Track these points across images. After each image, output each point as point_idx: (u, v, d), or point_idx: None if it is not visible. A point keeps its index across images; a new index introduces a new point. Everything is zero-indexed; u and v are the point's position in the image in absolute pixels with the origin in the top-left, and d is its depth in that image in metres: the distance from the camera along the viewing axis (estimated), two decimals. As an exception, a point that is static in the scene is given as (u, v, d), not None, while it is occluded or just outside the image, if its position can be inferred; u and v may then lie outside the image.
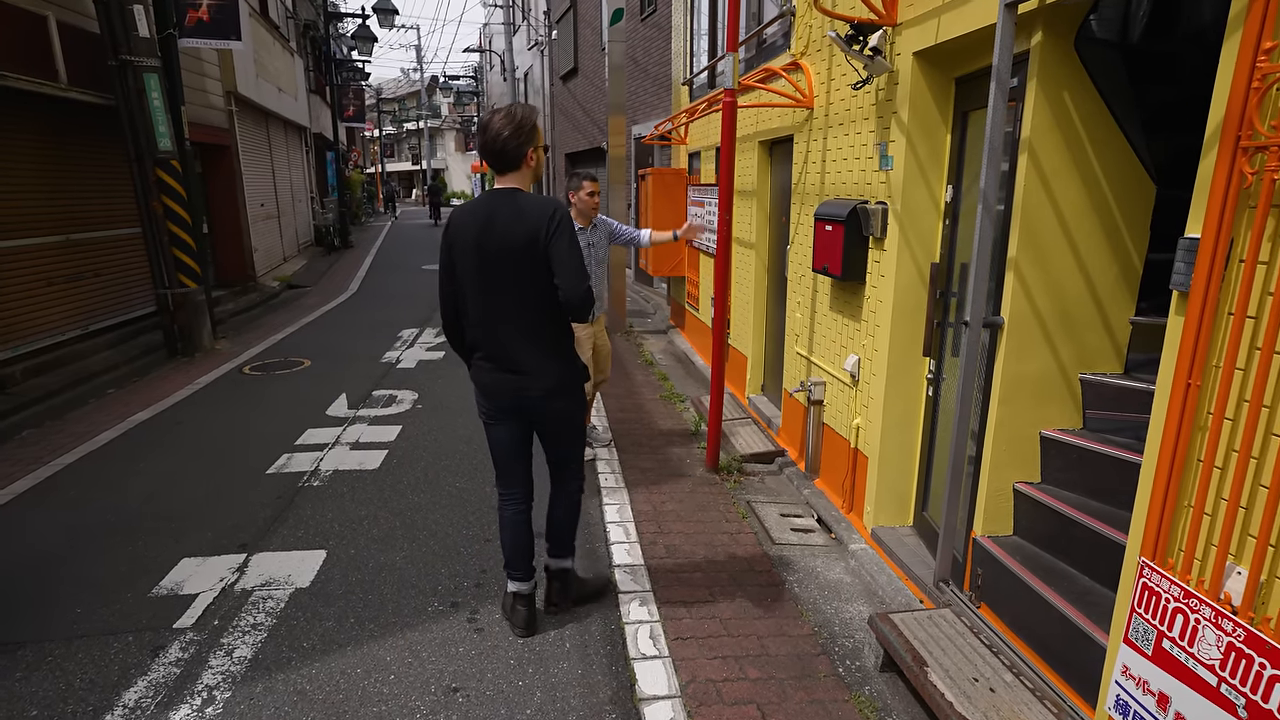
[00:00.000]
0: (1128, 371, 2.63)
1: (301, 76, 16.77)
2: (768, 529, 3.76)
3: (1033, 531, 2.69)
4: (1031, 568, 2.54)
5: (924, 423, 3.46)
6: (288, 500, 3.88)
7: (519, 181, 2.50)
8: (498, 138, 2.43)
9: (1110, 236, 2.51)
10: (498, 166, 2.49)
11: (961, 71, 3.04)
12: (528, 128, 2.45)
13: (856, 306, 3.73)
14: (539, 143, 2.51)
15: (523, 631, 2.79)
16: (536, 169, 2.53)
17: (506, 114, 2.47)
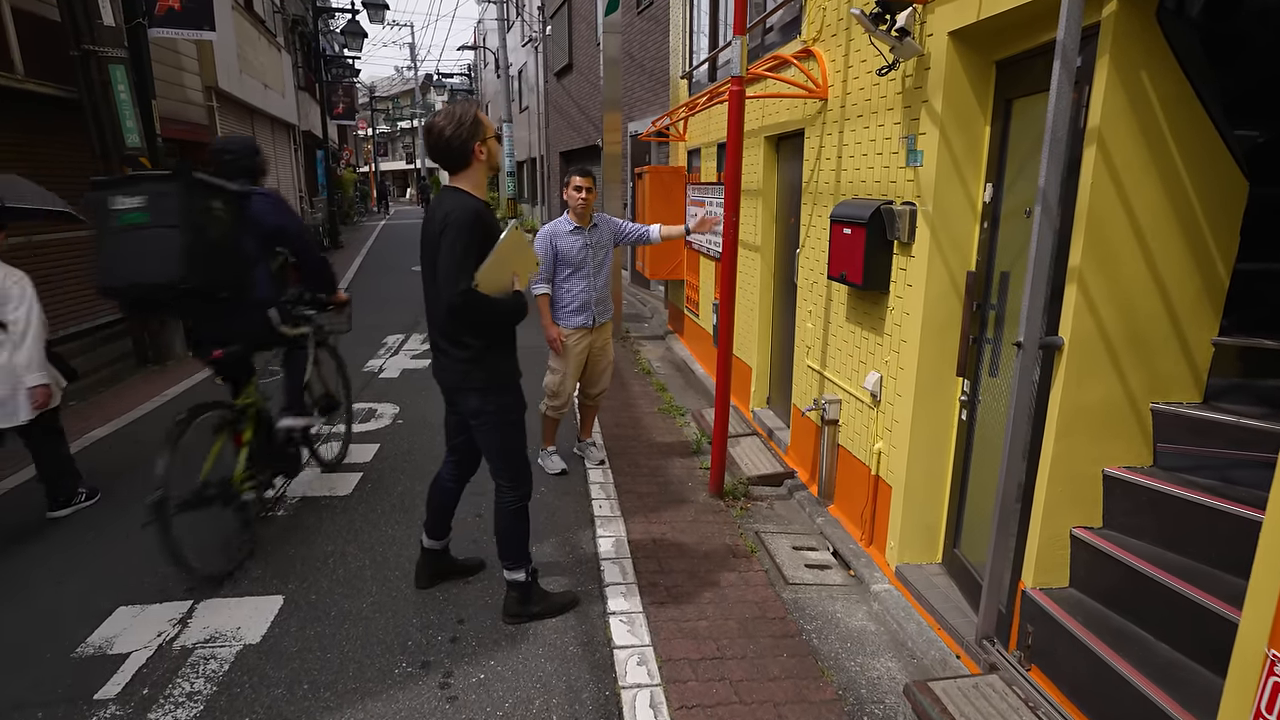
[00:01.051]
0: (1208, 400, 2.26)
1: (289, 73, 16.35)
2: (779, 565, 3.38)
3: (1094, 585, 2.32)
4: (1096, 630, 2.17)
5: (956, 450, 3.09)
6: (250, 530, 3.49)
7: (472, 178, 2.54)
8: (440, 136, 2.48)
9: (1192, 242, 2.14)
10: (447, 166, 2.55)
11: (1004, 54, 2.67)
12: (468, 121, 2.47)
13: (879, 319, 3.36)
14: (486, 134, 2.52)
15: (417, 584, 3.05)
16: (490, 161, 2.55)
17: (445, 113, 2.50)
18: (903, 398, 3.15)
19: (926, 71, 2.87)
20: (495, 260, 2.43)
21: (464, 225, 2.39)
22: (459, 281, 2.36)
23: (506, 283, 2.51)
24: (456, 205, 2.43)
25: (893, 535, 3.27)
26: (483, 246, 2.40)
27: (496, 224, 2.53)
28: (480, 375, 2.59)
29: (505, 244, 2.45)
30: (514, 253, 2.51)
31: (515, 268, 2.54)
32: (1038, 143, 2.56)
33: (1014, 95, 2.66)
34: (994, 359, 2.88)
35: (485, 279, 2.41)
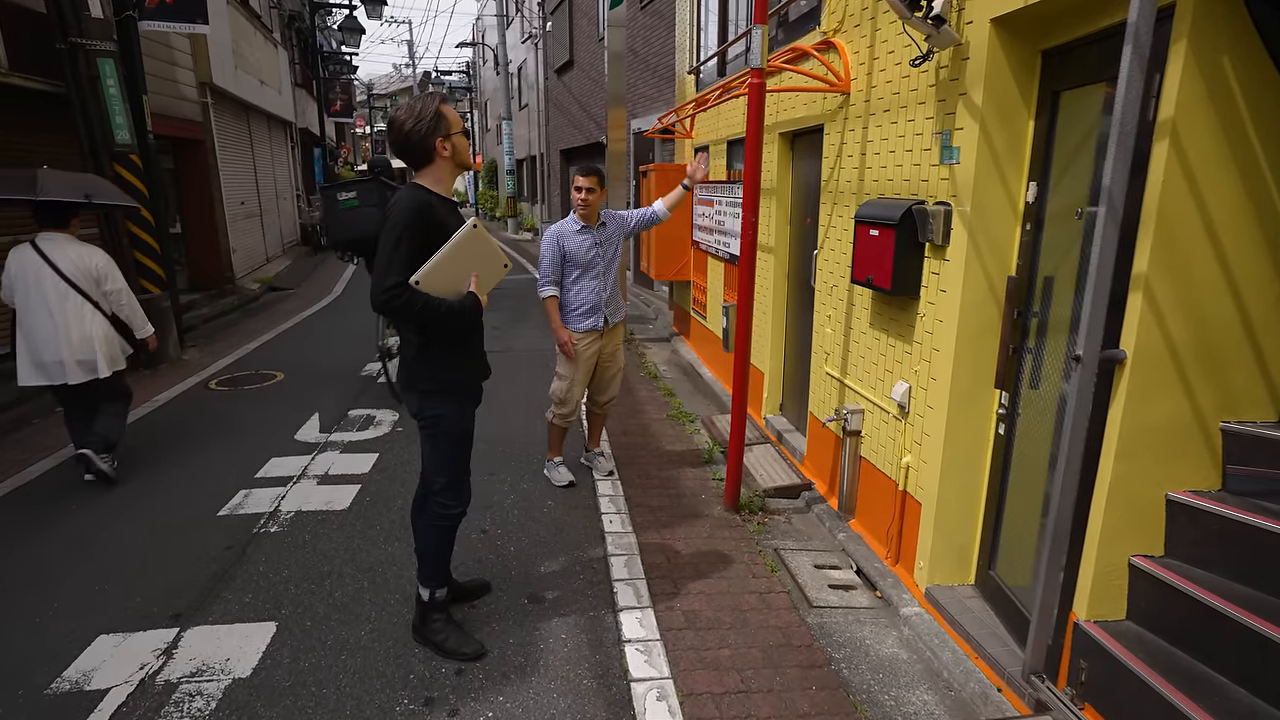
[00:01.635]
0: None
1: (286, 69, 16.13)
2: (802, 586, 3.20)
3: (1156, 619, 2.13)
4: (1162, 669, 1.99)
5: (992, 466, 2.91)
6: (239, 552, 3.30)
7: (436, 175, 2.42)
8: (400, 131, 2.37)
9: (1273, 245, 1.95)
10: (409, 161, 2.43)
11: (1052, 42, 2.48)
12: (428, 116, 2.35)
13: (907, 325, 3.17)
14: (451, 130, 2.39)
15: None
16: (456, 158, 2.43)
17: (406, 106, 2.39)
18: (935, 410, 2.96)
19: (964, 62, 2.68)
20: (444, 259, 2.29)
21: (401, 218, 2.27)
22: (388, 276, 2.24)
23: (458, 284, 2.37)
24: (403, 198, 2.34)
25: (922, 555, 3.09)
26: (426, 242, 2.29)
27: (450, 220, 2.38)
28: (423, 377, 2.48)
29: (459, 243, 2.31)
30: (471, 253, 2.37)
31: (473, 269, 2.39)
32: (1088, 138, 2.40)
33: (1063, 87, 2.47)
34: (1036, 370, 2.69)
35: (429, 278, 2.28)
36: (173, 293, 7.03)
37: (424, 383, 2.49)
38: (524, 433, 4.95)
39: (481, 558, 3.29)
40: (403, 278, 2.25)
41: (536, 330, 8.37)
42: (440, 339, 2.46)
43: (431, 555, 2.66)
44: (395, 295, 2.25)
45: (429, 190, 2.39)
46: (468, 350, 2.57)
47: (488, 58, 27.28)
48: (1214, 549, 2.04)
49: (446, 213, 2.39)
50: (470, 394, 2.62)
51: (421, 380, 2.49)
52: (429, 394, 2.50)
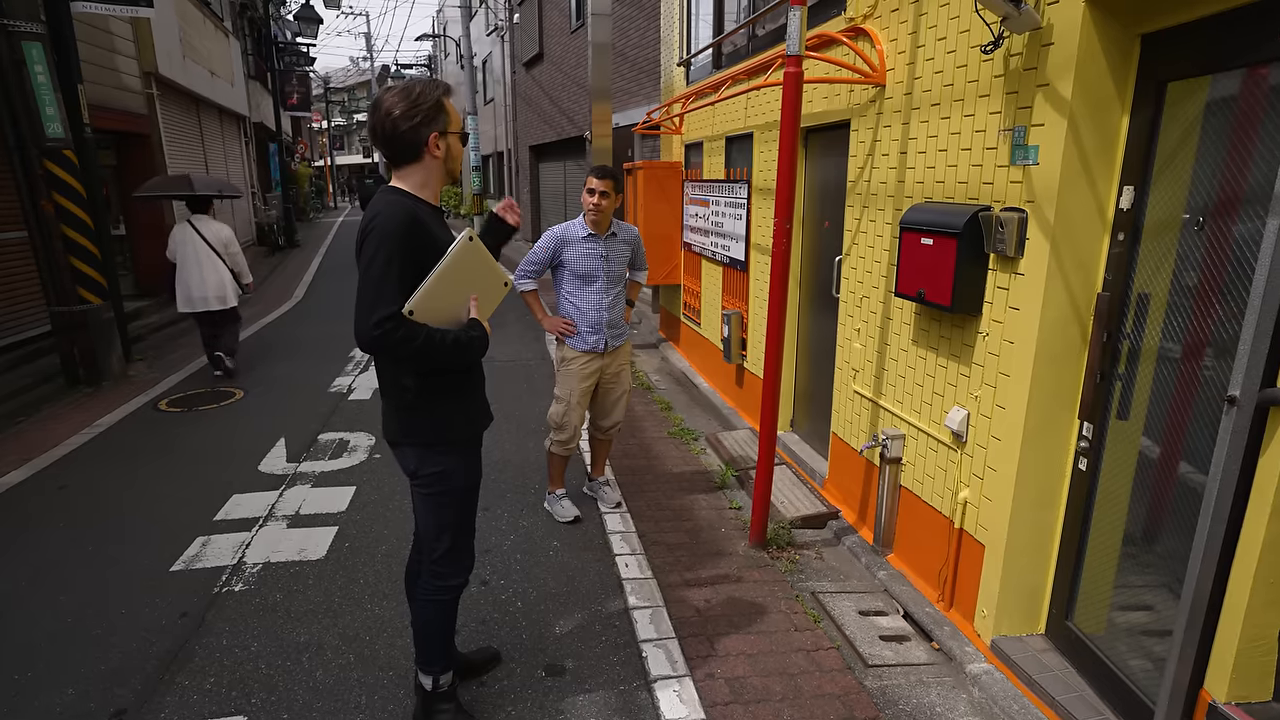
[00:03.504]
0: None
1: (238, 60, 15.28)
2: (852, 640, 2.84)
3: (1311, 702, 1.82)
4: (1332, 769, 1.67)
5: (1070, 504, 2.58)
6: (196, 619, 2.81)
7: (423, 177, 1.99)
8: (387, 117, 1.91)
9: None
10: (391, 156, 1.98)
11: (1157, 25, 2.15)
12: (427, 104, 1.92)
13: (964, 345, 2.83)
14: (450, 128, 1.98)
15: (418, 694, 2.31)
16: (449, 162, 2.01)
17: (401, 89, 1.95)
18: (1003, 441, 2.62)
19: (1046, 49, 2.34)
20: (440, 281, 1.88)
21: (389, 234, 1.84)
22: (377, 306, 1.81)
23: (456, 310, 1.96)
24: (385, 207, 1.89)
25: (985, 602, 2.76)
26: (419, 262, 1.87)
27: (441, 234, 1.96)
28: (424, 428, 2.05)
29: (455, 260, 1.90)
30: (469, 271, 1.96)
31: (473, 290, 1.98)
32: (1206, 136, 2.08)
33: (1171, 76, 2.14)
34: (1124, 400, 2.37)
35: (424, 305, 1.86)
36: (116, 301, 6.38)
37: (425, 434, 2.05)
38: (517, 457, 4.51)
39: (485, 617, 2.86)
40: (397, 307, 1.82)
41: (517, 339, 7.91)
42: (443, 379, 2.03)
43: (432, 635, 2.23)
44: (390, 330, 1.81)
45: (414, 196, 1.97)
46: (472, 390, 2.15)
47: (450, 51, 26.51)
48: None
49: (433, 223, 1.98)
50: (477, 442, 2.20)
51: (422, 431, 2.05)
52: (431, 447, 2.06)
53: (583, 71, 12.29)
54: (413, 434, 2.05)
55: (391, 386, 2.05)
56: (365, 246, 1.86)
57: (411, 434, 2.05)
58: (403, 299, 1.83)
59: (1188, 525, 2.18)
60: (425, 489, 2.10)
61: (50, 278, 5.84)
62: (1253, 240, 1.92)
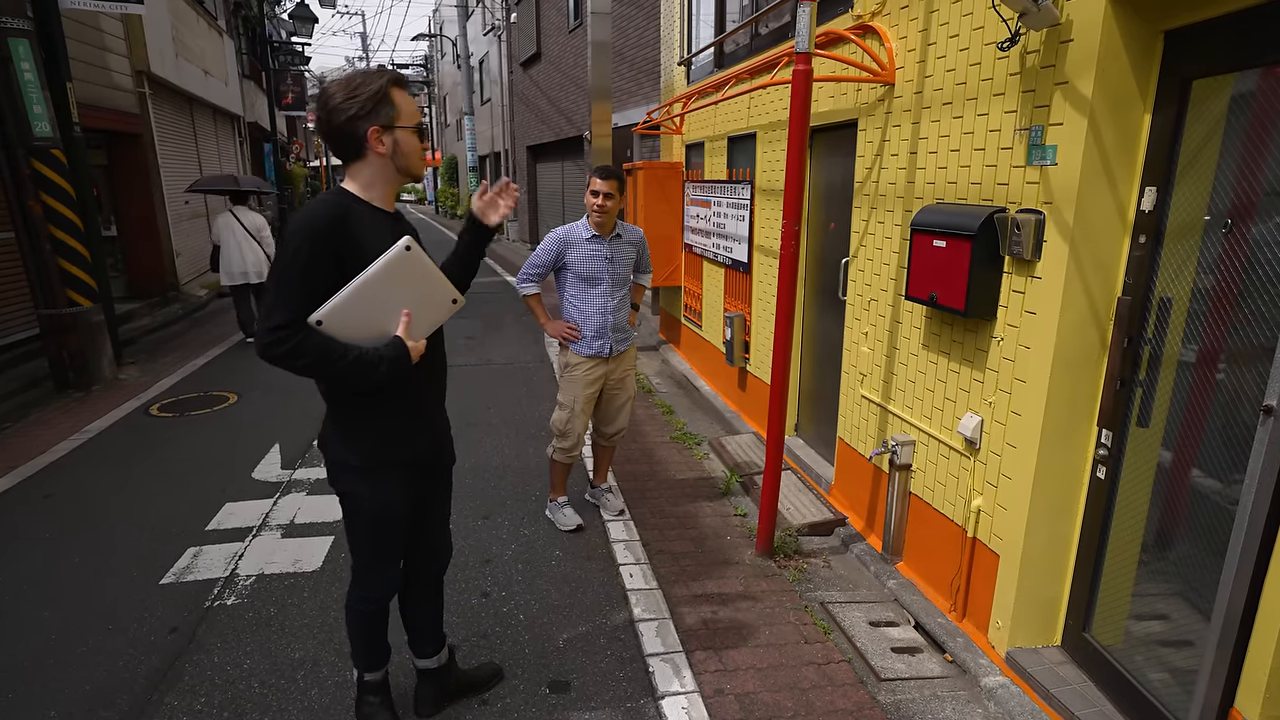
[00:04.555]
0: None
1: (233, 59, 15.15)
2: (863, 653, 2.77)
3: (1349, 723, 1.75)
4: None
5: (1088, 513, 2.51)
6: (187, 635, 2.72)
7: (364, 177, 1.81)
8: (325, 107, 1.75)
9: None
10: (334, 152, 1.81)
11: (1181, 21, 2.08)
12: (365, 95, 1.73)
13: (978, 350, 2.76)
14: (396, 121, 1.78)
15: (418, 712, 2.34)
16: (400, 159, 1.81)
17: (344, 79, 1.78)
18: (1018, 449, 2.55)
19: (1065, 46, 2.27)
20: (362, 292, 1.71)
21: (298, 236, 1.67)
22: (273, 312, 1.66)
23: (381, 325, 1.78)
24: (307, 209, 1.74)
25: (1000, 612, 2.69)
26: (335, 269, 1.70)
27: (375, 241, 1.75)
28: (330, 442, 1.91)
29: (383, 270, 1.72)
30: (402, 284, 1.78)
31: (405, 305, 1.80)
32: (1232, 134, 2.01)
33: (1196, 74, 2.07)
34: (1145, 407, 2.30)
35: (337, 316, 1.70)
36: (107, 303, 6.28)
37: (333, 449, 1.91)
38: (516, 463, 4.43)
39: (486, 630, 2.78)
40: (295, 315, 1.66)
41: (515, 341, 7.82)
42: (355, 398, 1.85)
43: (354, 637, 2.16)
44: (279, 340, 1.65)
45: (353, 197, 1.79)
46: (401, 411, 1.91)
47: (446, 50, 26.42)
48: None
49: (371, 228, 1.77)
50: (403, 472, 1.96)
51: (331, 446, 1.91)
52: (342, 469, 1.92)
53: (581, 71, 12.21)
54: (325, 445, 1.94)
55: (323, 395, 1.91)
56: (279, 244, 1.74)
57: (328, 446, 1.93)
58: (304, 307, 1.67)
59: (1210, 535, 2.11)
60: (346, 504, 1.98)
61: (38, 279, 5.74)
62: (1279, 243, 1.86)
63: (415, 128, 1.82)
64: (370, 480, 1.92)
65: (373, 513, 1.96)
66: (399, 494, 1.96)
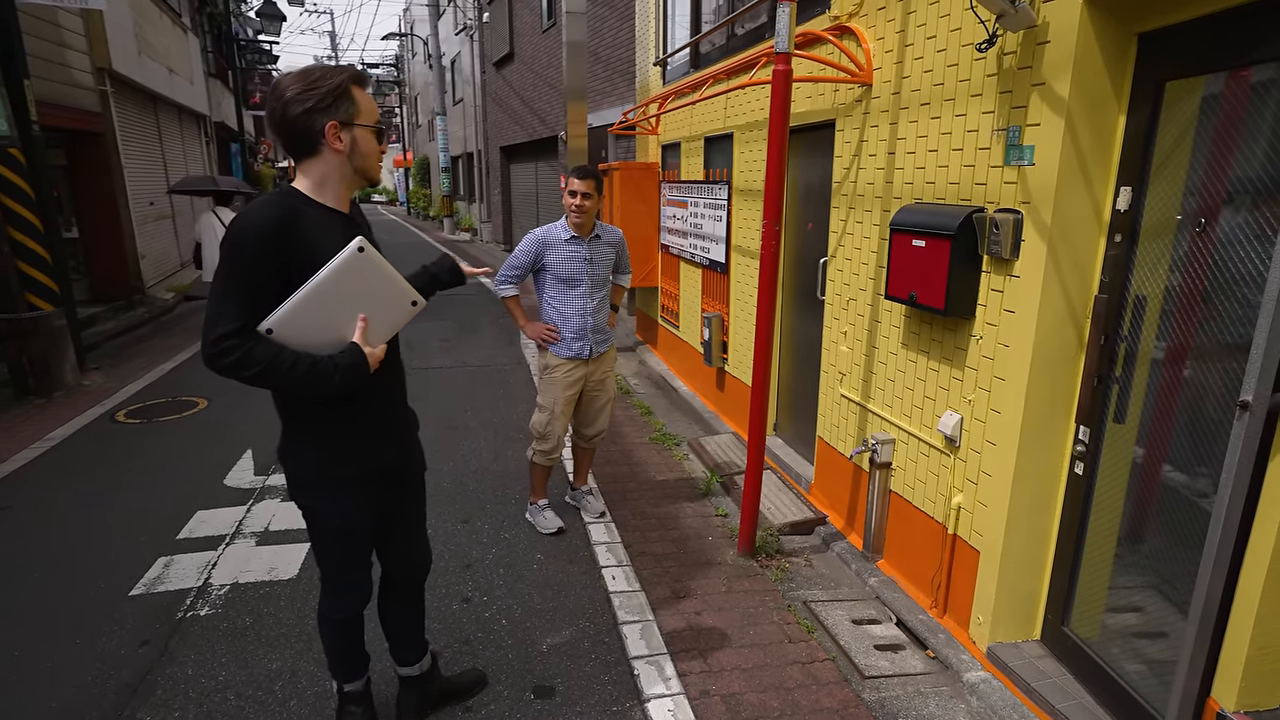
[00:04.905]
0: None
1: (198, 57, 14.83)
2: (847, 651, 2.78)
3: (1322, 710, 1.79)
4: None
5: (1066, 508, 2.55)
6: (159, 648, 2.64)
7: (320, 175, 1.73)
8: (278, 101, 1.66)
9: None
10: (286, 148, 1.73)
11: (1154, 24, 2.12)
12: (323, 89, 1.65)
13: (957, 349, 2.79)
14: (359, 119, 1.71)
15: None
16: (356, 159, 1.74)
17: (300, 71, 1.70)
18: (998, 446, 2.58)
19: (1041, 47, 2.30)
20: (314, 298, 1.64)
21: (244, 239, 1.59)
22: (218, 320, 1.58)
23: (336, 331, 1.70)
24: (251, 211, 1.65)
25: (981, 608, 2.71)
26: (282, 273, 1.63)
27: (326, 243, 1.67)
28: (289, 457, 1.85)
29: (336, 274, 1.64)
30: (357, 287, 1.70)
31: (362, 309, 1.73)
32: (1203, 135, 2.05)
33: (1169, 76, 2.11)
34: (1122, 403, 2.34)
35: (290, 324, 1.63)
36: (69, 307, 6.09)
37: (292, 464, 1.85)
38: (495, 466, 4.38)
39: (469, 637, 2.74)
40: (242, 323, 1.59)
41: (491, 342, 7.75)
42: (312, 408, 1.79)
43: (329, 649, 2.12)
44: (225, 350, 1.57)
45: (303, 197, 1.71)
46: (359, 420, 1.85)
47: (418, 50, 26.16)
48: (1393, 627, 1.71)
49: (323, 230, 1.69)
50: (364, 483, 1.90)
51: (290, 460, 1.85)
52: (299, 485, 1.87)
53: (554, 71, 12.16)
54: (283, 459, 1.87)
55: (276, 406, 1.85)
56: (221, 247, 1.64)
57: (282, 459, 1.87)
58: (250, 314, 1.60)
59: (1185, 529, 2.16)
60: (307, 519, 1.92)
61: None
62: (1251, 241, 1.90)
63: (374, 127, 1.76)
64: (331, 493, 1.85)
65: (336, 527, 1.91)
66: (363, 506, 1.90)
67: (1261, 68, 1.88)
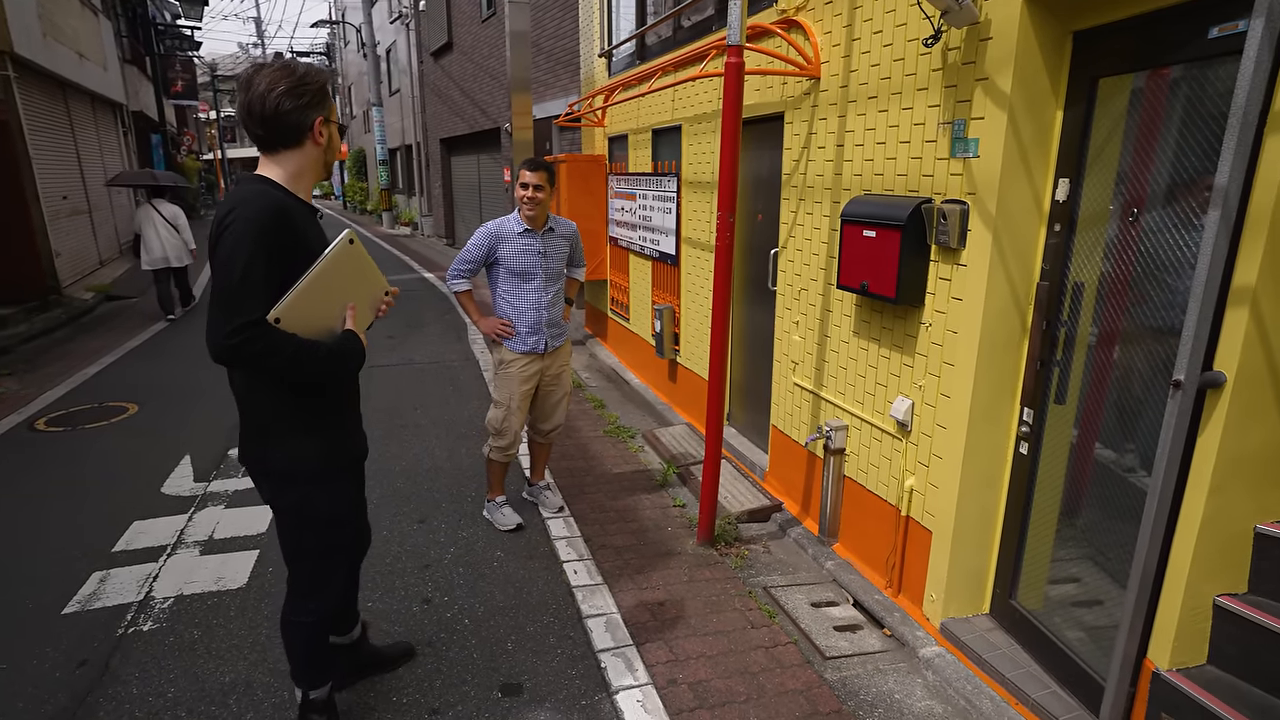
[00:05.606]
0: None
1: (111, 42, 14.00)
2: (808, 634, 2.85)
3: (1247, 665, 1.93)
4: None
5: (1012, 487, 2.67)
6: (99, 667, 2.50)
7: (293, 167, 1.80)
8: (269, 94, 1.72)
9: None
10: (269, 139, 1.78)
11: (1088, 23, 2.23)
12: (315, 86, 1.78)
13: (906, 336, 2.88)
14: (332, 115, 1.84)
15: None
16: (330, 155, 1.86)
17: (281, 66, 1.78)
18: (948, 429, 2.68)
19: (985, 43, 2.38)
20: (314, 286, 1.71)
21: (252, 229, 1.63)
22: (237, 312, 1.60)
23: (331, 320, 1.79)
24: (248, 198, 1.68)
25: (934, 586, 2.82)
26: (288, 262, 1.68)
27: (310, 234, 1.78)
28: (275, 457, 1.85)
29: (333, 263, 1.74)
30: (347, 276, 1.80)
31: (350, 298, 1.82)
32: (1133, 131, 2.17)
33: (1102, 73, 2.22)
34: (1062, 384, 2.46)
35: (293, 313, 1.68)
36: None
37: (280, 462, 1.84)
38: (449, 464, 4.31)
39: (431, 638, 2.69)
40: (260, 313, 1.62)
41: (438, 338, 7.61)
42: (309, 395, 1.82)
43: (301, 659, 2.09)
44: (251, 339, 1.59)
45: (284, 188, 1.77)
46: (339, 414, 1.93)
47: (350, 38, 25.32)
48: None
49: (304, 221, 1.78)
50: (344, 471, 1.97)
51: (277, 459, 1.84)
52: (290, 478, 1.86)
53: (495, 62, 11.95)
54: (268, 458, 1.86)
55: (248, 405, 1.84)
56: (222, 243, 1.64)
57: (267, 458, 1.86)
58: (268, 303, 1.63)
59: (1118, 503, 2.29)
60: (283, 517, 1.94)
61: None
62: (1177, 229, 2.02)
63: (340, 125, 1.91)
64: (328, 482, 1.90)
65: (328, 516, 1.93)
66: (352, 492, 2.01)
67: (1181, 67, 1.99)
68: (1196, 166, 1.96)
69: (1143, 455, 2.22)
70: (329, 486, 1.90)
